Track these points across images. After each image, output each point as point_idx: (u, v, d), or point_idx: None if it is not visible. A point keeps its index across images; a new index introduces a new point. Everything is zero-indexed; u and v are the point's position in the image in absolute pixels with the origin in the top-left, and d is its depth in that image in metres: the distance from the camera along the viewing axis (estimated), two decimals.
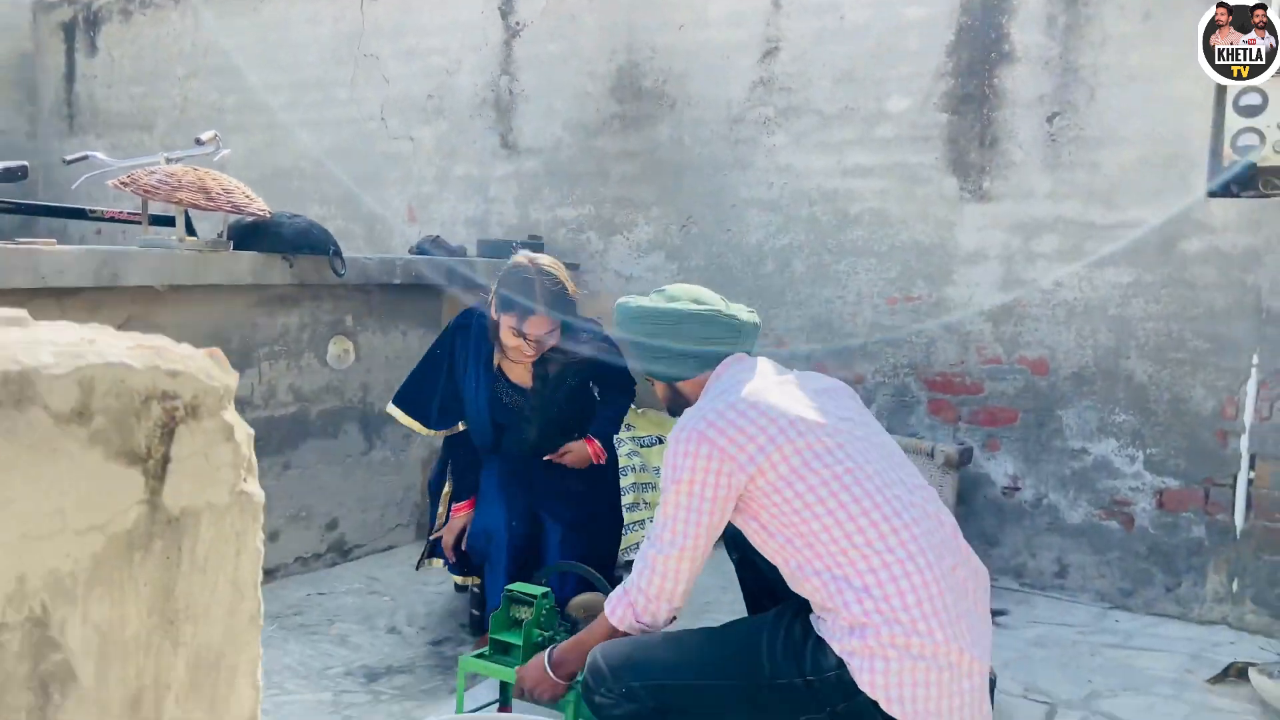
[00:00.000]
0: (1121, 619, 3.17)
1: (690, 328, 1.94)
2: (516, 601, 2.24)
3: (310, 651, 2.78)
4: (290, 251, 3.14)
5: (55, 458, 0.57)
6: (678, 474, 1.77)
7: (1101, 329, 3.23)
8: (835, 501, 1.70)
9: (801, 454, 1.73)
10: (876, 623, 1.62)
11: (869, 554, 1.67)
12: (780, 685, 1.70)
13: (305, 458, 3.41)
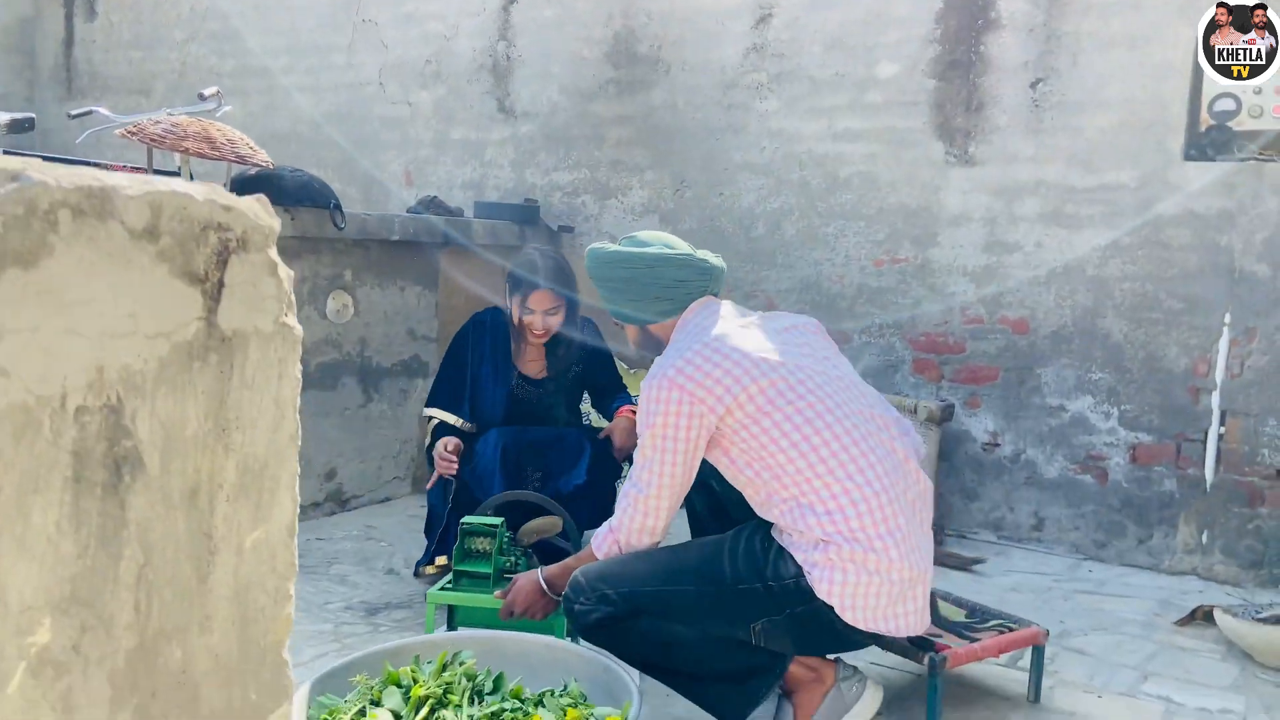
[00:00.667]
0: (1095, 569, 3.28)
1: (664, 271, 2.02)
2: (473, 534, 2.34)
3: (310, 588, 2.87)
4: (291, 204, 3.22)
5: (129, 268, 0.66)
6: (651, 419, 1.87)
7: (1080, 289, 3.33)
8: (799, 435, 1.82)
9: (765, 393, 1.84)
10: (838, 541, 1.77)
11: (830, 481, 1.80)
12: (742, 590, 1.83)
13: (305, 408, 3.46)
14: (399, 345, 3.83)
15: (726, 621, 1.85)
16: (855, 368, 3.66)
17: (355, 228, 3.48)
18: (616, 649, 1.89)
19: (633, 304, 2.05)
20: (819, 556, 1.77)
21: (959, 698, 2.26)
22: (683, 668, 1.89)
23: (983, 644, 2.13)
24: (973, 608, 2.31)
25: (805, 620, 1.81)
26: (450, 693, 1.72)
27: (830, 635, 1.85)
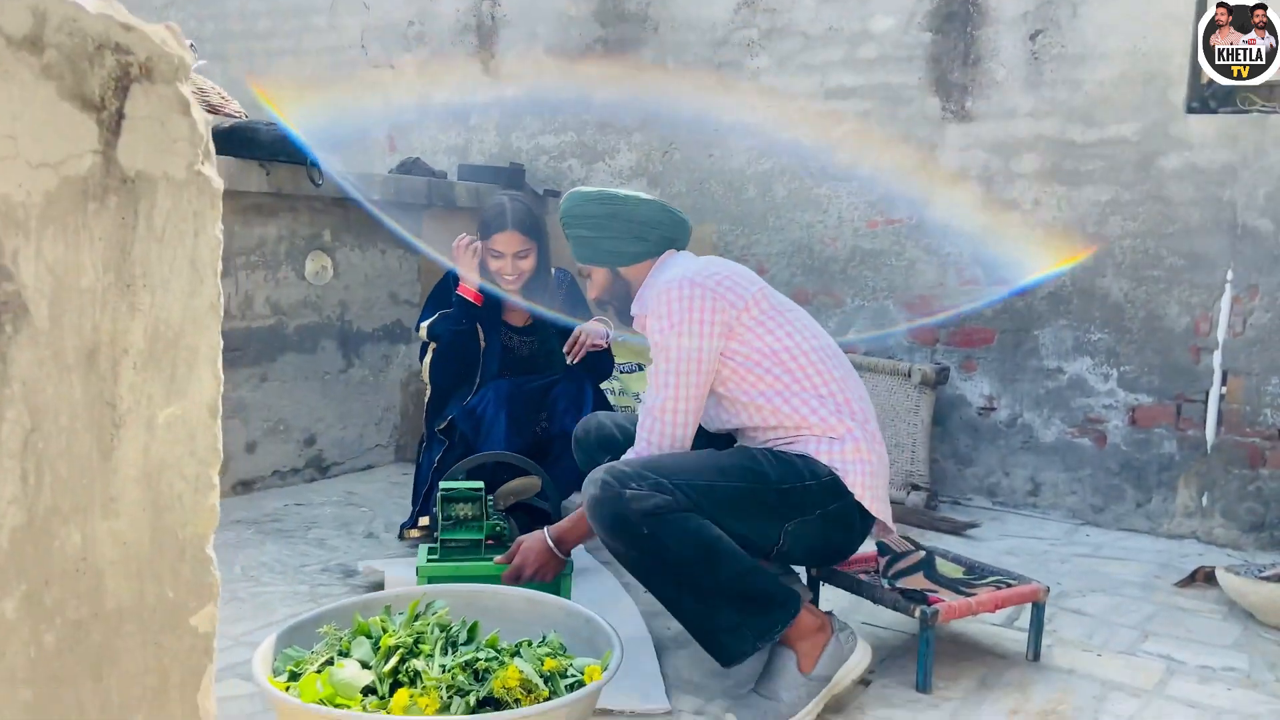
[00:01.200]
0: (1092, 534, 3.21)
1: (644, 210, 2.10)
2: (454, 500, 2.24)
3: (288, 551, 2.78)
4: (267, 158, 3.11)
5: (7, 81, 0.56)
6: (673, 321, 1.92)
7: (1079, 248, 3.25)
8: (807, 333, 2.00)
9: (769, 299, 2.02)
10: (856, 436, 1.92)
11: (837, 378, 1.99)
12: (785, 489, 1.87)
13: (283, 371, 3.40)
14: (380, 309, 3.73)
15: (767, 520, 1.88)
16: (848, 332, 3.63)
17: (333, 186, 3.38)
18: (654, 547, 1.78)
19: (611, 242, 2.08)
20: (844, 452, 1.90)
21: (954, 655, 2.19)
22: (711, 582, 1.79)
23: (978, 598, 2.06)
24: (971, 565, 2.23)
25: (831, 519, 1.91)
26: (421, 642, 1.63)
27: (844, 536, 1.98)
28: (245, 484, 3.32)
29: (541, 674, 1.61)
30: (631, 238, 2.07)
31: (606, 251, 2.09)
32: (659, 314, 1.94)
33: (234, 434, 3.26)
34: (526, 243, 2.73)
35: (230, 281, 3.21)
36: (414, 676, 1.57)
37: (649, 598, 2.03)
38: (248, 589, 2.49)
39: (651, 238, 2.08)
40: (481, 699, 1.54)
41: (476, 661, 1.60)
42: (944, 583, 2.09)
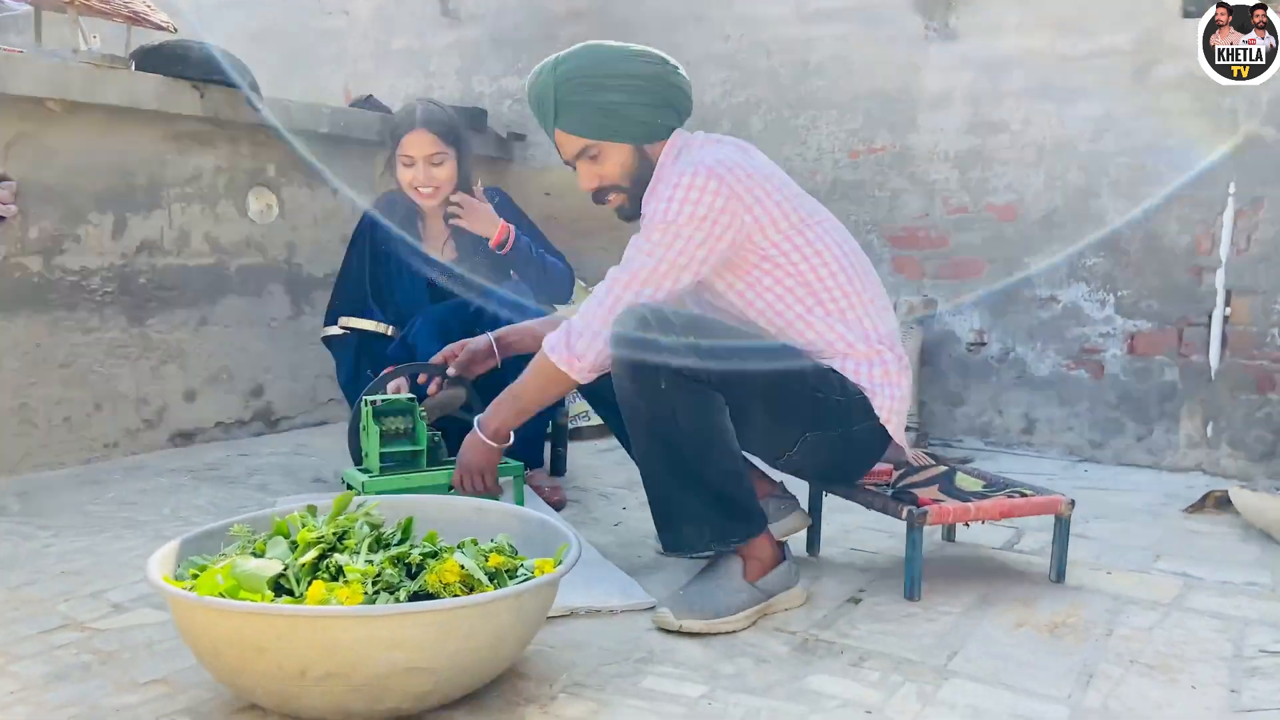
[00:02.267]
0: (1091, 470, 3.02)
1: (681, 78, 1.82)
2: (386, 414, 2.03)
3: (224, 495, 2.55)
4: (199, 79, 2.88)
5: None
6: (679, 206, 1.67)
7: (1072, 168, 3.07)
8: (840, 250, 1.77)
9: (801, 208, 1.77)
10: (886, 359, 1.76)
11: (865, 300, 1.78)
12: (819, 398, 1.72)
13: (225, 315, 3.16)
14: (333, 254, 3.48)
15: (788, 422, 1.73)
16: None
17: (278, 115, 3.15)
18: (662, 407, 1.63)
19: (646, 111, 1.76)
20: (873, 374, 1.75)
21: (954, 573, 1.99)
22: (698, 468, 1.67)
23: (978, 505, 1.85)
24: (994, 479, 2.02)
25: (852, 440, 1.77)
26: (347, 537, 1.41)
27: (859, 459, 1.85)
28: (184, 435, 3.07)
29: (487, 571, 1.39)
30: (668, 107, 1.78)
31: (638, 123, 1.77)
32: (664, 194, 1.69)
33: (171, 380, 3.02)
34: (439, 145, 2.45)
35: (163, 214, 2.97)
36: (336, 572, 1.35)
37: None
38: (175, 528, 2.25)
39: (682, 109, 1.82)
40: (414, 595, 1.32)
41: (408, 556, 1.38)
42: (956, 495, 1.89)
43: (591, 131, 1.77)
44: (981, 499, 1.89)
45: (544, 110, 1.79)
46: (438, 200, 2.51)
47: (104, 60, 2.71)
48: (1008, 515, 1.89)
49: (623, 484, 2.75)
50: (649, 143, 1.81)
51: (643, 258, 1.69)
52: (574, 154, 1.81)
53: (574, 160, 1.82)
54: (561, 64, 1.76)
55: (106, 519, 2.31)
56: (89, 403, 2.82)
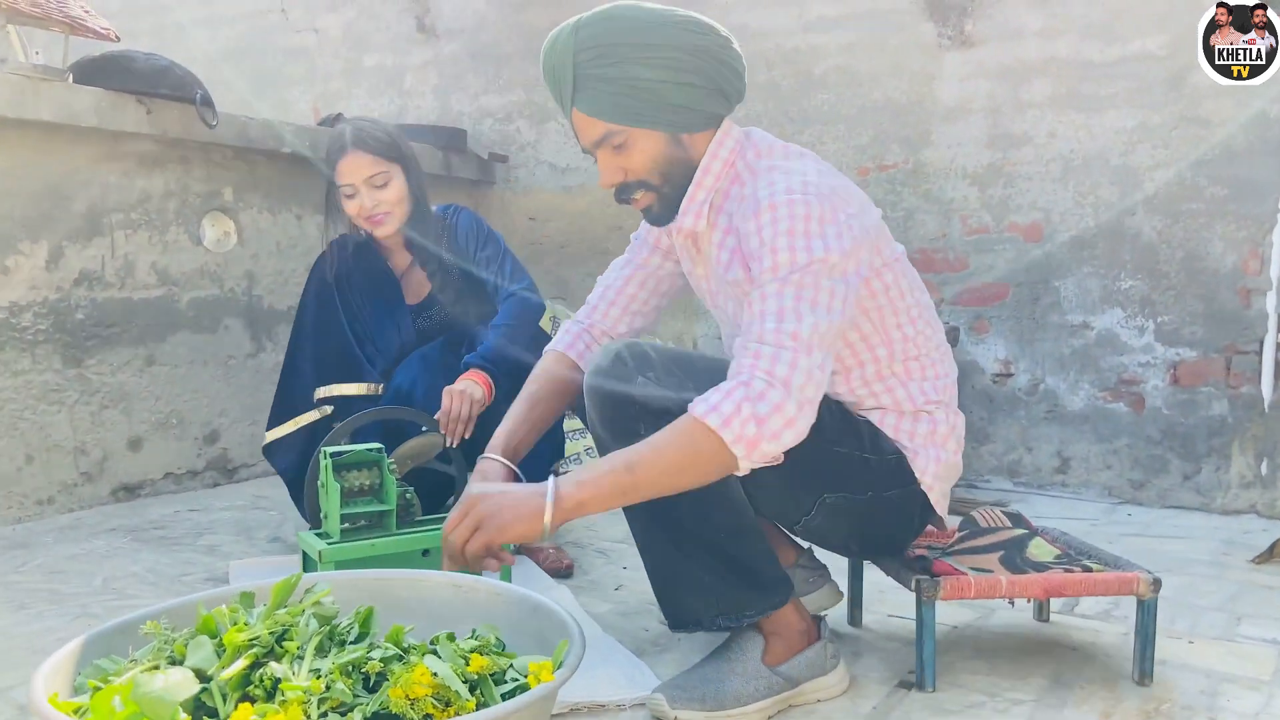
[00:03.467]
0: (1134, 513, 2.75)
1: (733, 55, 1.41)
2: (349, 468, 1.74)
3: (167, 560, 2.23)
4: (146, 92, 2.59)
5: None
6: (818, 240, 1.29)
7: (1103, 183, 2.82)
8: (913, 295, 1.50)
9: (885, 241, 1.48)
10: (937, 418, 1.49)
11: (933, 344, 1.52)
12: (841, 454, 1.43)
13: (174, 354, 2.85)
14: (297, 284, 3.18)
15: (804, 482, 1.42)
16: None
17: (234, 133, 2.87)
18: None
19: (686, 93, 1.37)
20: (920, 431, 1.47)
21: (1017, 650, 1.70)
22: (695, 525, 1.39)
23: (1014, 579, 1.49)
24: (1080, 549, 1.70)
25: (884, 506, 1.47)
26: (287, 638, 1.11)
27: (895, 529, 1.54)
28: (128, 489, 2.75)
29: (466, 678, 1.09)
30: (714, 90, 1.39)
31: (675, 107, 1.37)
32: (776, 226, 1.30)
33: (113, 428, 2.70)
34: (378, 164, 2.12)
35: (105, 242, 2.67)
36: (273, 685, 1.04)
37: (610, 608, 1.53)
38: (105, 604, 1.93)
39: (732, 96, 1.42)
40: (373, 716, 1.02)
41: (366, 663, 1.08)
42: (1021, 565, 1.59)
43: (615, 114, 1.37)
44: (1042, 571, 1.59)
45: (560, 85, 1.40)
46: (394, 227, 2.18)
47: (36, 72, 2.42)
48: (1057, 594, 1.53)
49: (621, 538, 2.46)
50: (688, 132, 1.41)
51: (808, 308, 1.27)
52: (594, 141, 1.40)
53: (594, 149, 1.42)
54: (583, 28, 1.36)
55: (28, 592, 1.99)
56: (19, 455, 2.50)
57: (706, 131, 1.43)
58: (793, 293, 1.27)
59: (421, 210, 2.21)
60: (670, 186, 1.44)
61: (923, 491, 1.47)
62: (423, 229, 2.21)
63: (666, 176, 1.42)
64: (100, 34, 2.42)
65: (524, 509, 1.25)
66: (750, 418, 1.21)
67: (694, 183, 1.43)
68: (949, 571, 1.51)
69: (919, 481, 1.47)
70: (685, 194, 1.44)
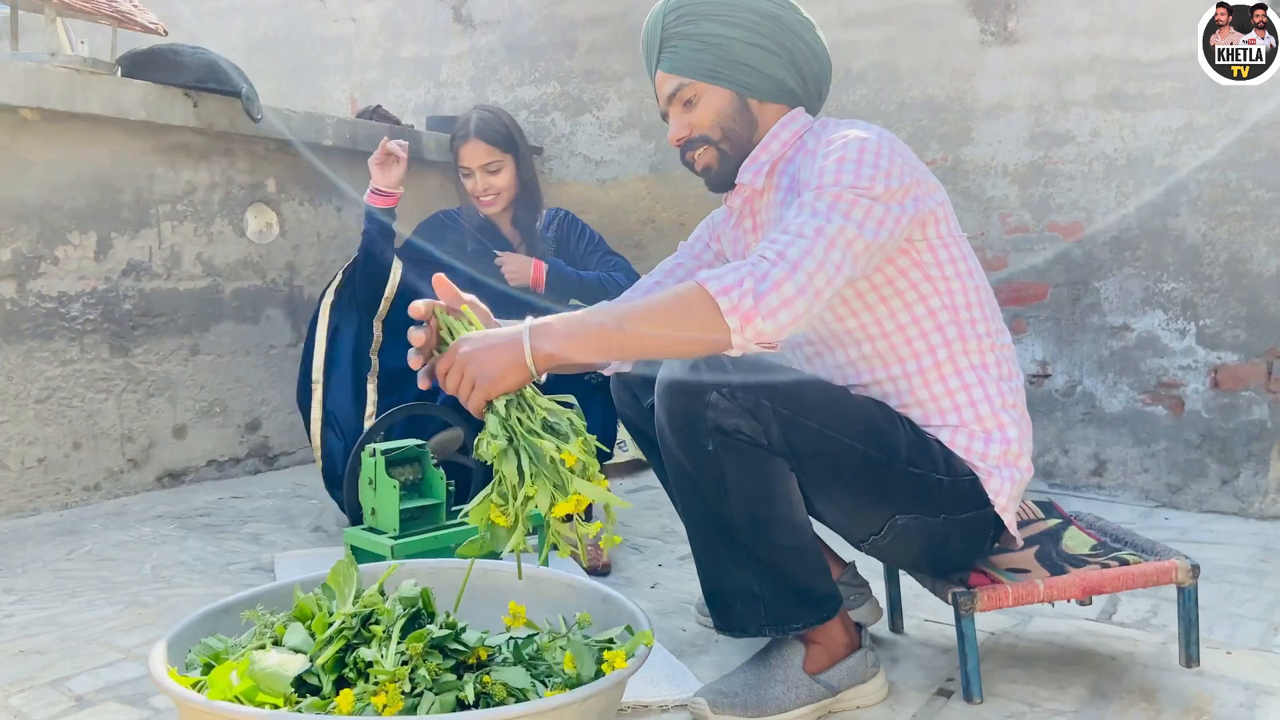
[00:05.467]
0: (1171, 516, 2.74)
1: (814, 38, 1.47)
2: (396, 464, 1.77)
3: (213, 548, 2.28)
4: (192, 86, 2.63)
5: None
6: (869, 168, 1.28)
7: (1146, 183, 2.80)
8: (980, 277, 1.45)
9: (951, 214, 1.43)
10: (1010, 435, 1.44)
11: (999, 345, 1.46)
12: (913, 474, 1.39)
13: (219, 343, 2.90)
14: None
15: (876, 502, 1.41)
16: None
17: (277, 126, 2.90)
18: (710, 470, 1.35)
19: (759, 55, 1.42)
20: (993, 451, 1.42)
21: (1055, 659, 1.71)
22: (753, 540, 1.38)
23: (1051, 582, 1.49)
24: (1115, 535, 1.68)
25: (956, 529, 1.44)
26: (373, 622, 1.14)
27: (965, 550, 1.50)
28: (173, 475, 2.81)
29: (533, 666, 1.13)
30: (788, 62, 1.44)
31: (744, 66, 1.42)
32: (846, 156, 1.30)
33: (159, 415, 2.76)
34: (495, 154, 2.47)
35: (152, 233, 2.72)
36: (367, 667, 1.08)
37: None
38: (155, 592, 1.98)
39: (808, 75, 1.47)
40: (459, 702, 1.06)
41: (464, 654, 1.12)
42: (1058, 560, 1.60)
43: (687, 68, 1.43)
44: (1080, 565, 1.59)
45: (650, 51, 1.49)
46: (500, 206, 2.53)
47: (86, 65, 2.46)
48: (1095, 592, 1.53)
49: (656, 533, 2.48)
50: (756, 98, 1.45)
51: (843, 212, 1.25)
52: (667, 96, 1.46)
53: (666, 106, 1.48)
54: None
55: (78, 580, 2.04)
56: (67, 442, 2.56)
57: (777, 105, 1.47)
58: (828, 201, 1.26)
59: (529, 196, 2.55)
60: (731, 145, 1.46)
61: (995, 513, 1.46)
62: (528, 214, 2.55)
63: (727, 134, 1.45)
64: (149, 28, 2.46)
65: (506, 357, 1.13)
66: (750, 291, 1.17)
67: (760, 145, 1.47)
68: (985, 581, 1.52)
69: (993, 504, 1.44)
70: (744, 159, 1.48)
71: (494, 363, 1.12)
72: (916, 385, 1.43)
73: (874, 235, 1.27)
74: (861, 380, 1.48)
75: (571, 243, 2.61)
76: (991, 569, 1.57)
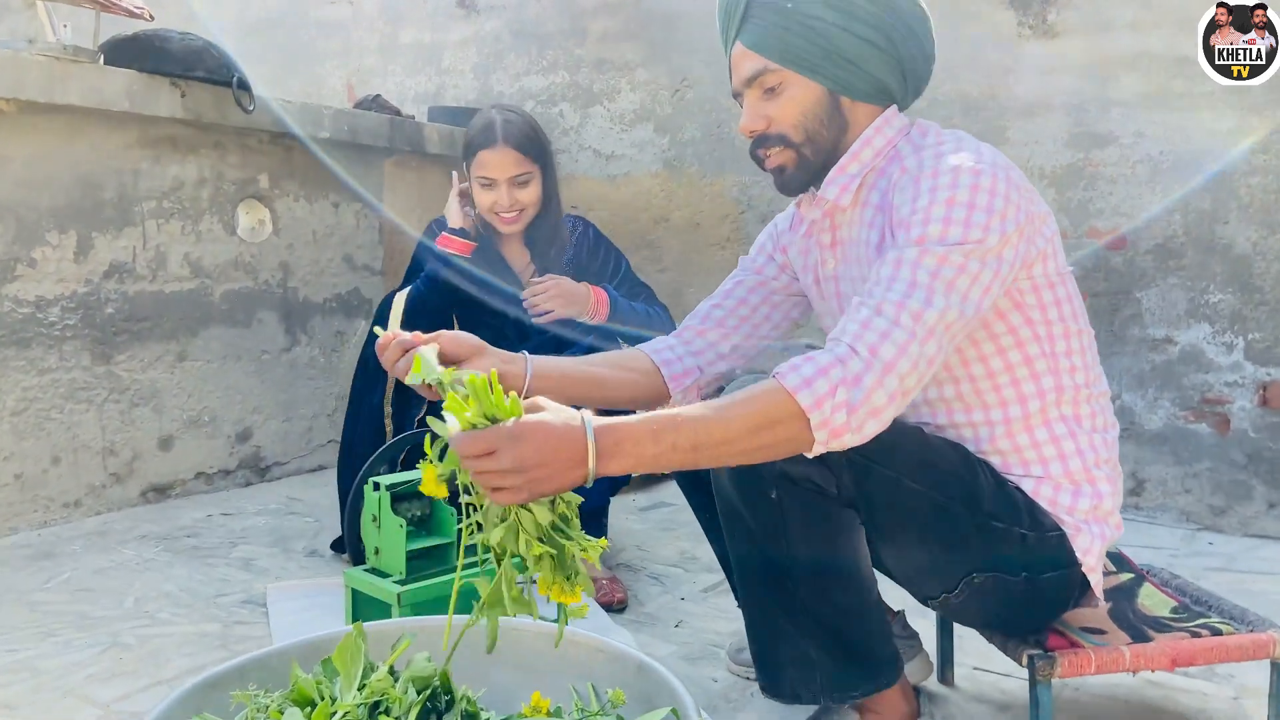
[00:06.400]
0: (1215, 541, 2.60)
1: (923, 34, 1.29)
2: (402, 499, 1.61)
3: (201, 576, 2.12)
4: (179, 74, 2.45)
5: None
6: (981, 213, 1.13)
7: (1194, 188, 2.64)
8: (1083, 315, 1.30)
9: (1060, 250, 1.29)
10: (1102, 490, 1.30)
11: (1096, 394, 1.32)
12: (998, 529, 1.24)
13: (207, 349, 2.73)
14: (333, 275, 3.06)
15: (952, 558, 1.26)
16: None
17: (270, 117, 2.72)
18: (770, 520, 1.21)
19: (862, 48, 1.23)
20: (1082, 506, 1.27)
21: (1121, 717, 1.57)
22: (812, 600, 1.25)
23: (1137, 651, 1.33)
24: (1196, 598, 1.54)
25: (1039, 589, 1.28)
26: (383, 711, 0.99)
27: (1045, 611, 1.36)
28: (159, 489, 2.64)
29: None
30: (893, 61, 1.26)
31: (845, 61, 1.24)
32: (960, 197, 1.15)
33: (143, 426, 2.59)
34: (525, 165, 2.10)
35: (136, 232, 2.54)
36: None
37: None
38: (137, 631, 1.82)
39: (911, 76, 1.29)
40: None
41: None
42: (1135, 621, 1.45)
43: (776, 50, 1.24)
44: (1162, 630, 1.44)
45: (730, 16, 1.29)
46: (522, 224, 2.16)
47: (66, 53, 2.28)
48: (1187, 664, 1.38)
49: (675, 559, 2.33)
50: (850, 96, 1.27)
51: (943, 289, 1.12)
52: (745, 79, 1.28)
53: (743, 88, 1.29)
54: None
55: (55, 615, 1.88)
56: (45, 456, 2.39)
57: (871, 105, 1.29)
58: (931, 266, 1.12)
59: (549, 215, 2.18)
60: (812, 149, 1.29)
61: (1082, 574, 1.30)
62: (547, 232, 2.19)
63: (811, 137, 1.28)
64: (134, 13, 2.28)
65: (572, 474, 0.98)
66: (843, 405, 1.05)
67: (849, 153, 1.29)
68: (1063, 644, 1.37)
69: (1080, 563, 1.29)
70: (827, 164, 1.29)
71: (557, 476, 0.97)
72: (999, 435, 1.28)
73: (977, 307, 1.14)
74: (938, 421, 1.32)
75: (594, 267, 2.23)
76: (1066, 627, 1.42)
